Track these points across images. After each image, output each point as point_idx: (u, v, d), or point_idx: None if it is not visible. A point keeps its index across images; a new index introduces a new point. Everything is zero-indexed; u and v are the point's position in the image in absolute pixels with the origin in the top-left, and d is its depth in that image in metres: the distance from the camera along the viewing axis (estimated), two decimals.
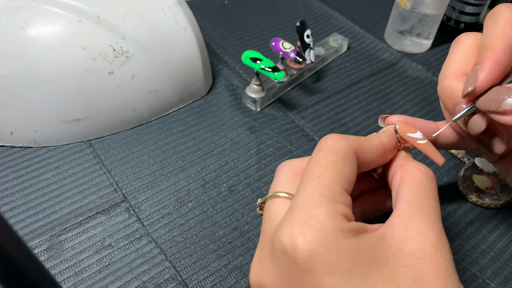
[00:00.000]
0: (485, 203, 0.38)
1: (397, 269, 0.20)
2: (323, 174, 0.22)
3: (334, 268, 0.20)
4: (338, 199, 0.22)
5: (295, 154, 0.42)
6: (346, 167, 0.23)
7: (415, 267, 0.20)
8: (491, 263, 0.34)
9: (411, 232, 0.21)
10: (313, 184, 0.22)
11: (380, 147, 0.25)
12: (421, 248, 0.21)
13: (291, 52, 0.45)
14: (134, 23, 0.39)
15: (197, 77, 0.45)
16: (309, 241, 0.20)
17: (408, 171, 0.24)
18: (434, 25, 0.54)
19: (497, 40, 0.24)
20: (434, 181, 0.24)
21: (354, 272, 0.20)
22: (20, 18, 0.36)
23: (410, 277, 0.20)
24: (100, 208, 0.36)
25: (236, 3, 0.63)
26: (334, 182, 0.22)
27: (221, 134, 0.44)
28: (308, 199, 0.22)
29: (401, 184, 0.24)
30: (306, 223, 0.21)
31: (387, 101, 0.49)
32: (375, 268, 0.20)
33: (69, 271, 0.32)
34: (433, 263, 0.21)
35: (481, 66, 0.24)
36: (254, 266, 0.24)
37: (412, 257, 0.21)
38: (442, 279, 0.20)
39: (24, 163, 0.39)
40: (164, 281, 0.32)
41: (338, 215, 0.21)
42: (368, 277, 0.20)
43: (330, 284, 0.20)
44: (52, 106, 0.38)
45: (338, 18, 0.62)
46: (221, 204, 0.37)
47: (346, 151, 0.23)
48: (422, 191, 0.23)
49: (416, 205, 0.22)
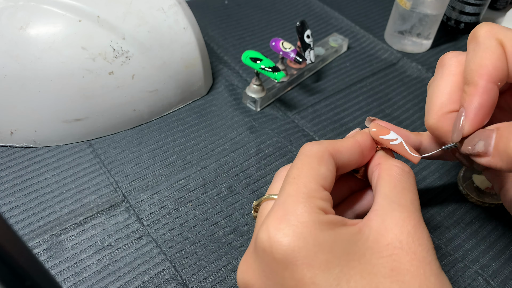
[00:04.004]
0: (485, 203, 0.38)
1: (374, 260, 0.21)
2: (299, 174, 0.23)
3: (312, 261, 0.20)
4: (315, 195, 0.23)
5: (295, 154, 0.42)
6: (321, 167, 0.24)
7: (392, 257, 0.21)
8: (491, 262, 0.35)
9: (388, 224, 0.22)
10: (290, 184, 0.23)
11: (356, 146, 0.26)
12: (398, 238, 0.21)
13: (291, 52, 0.45)
14: (134, 23, 0.39)
15: (197, 77, 0.45)
16: (286, 236, 0.21)
17: (384, 168, 0.25)
18: (434, 25, 0.54)
19: (479, 76, 0.25)
20: (410, 175, 0.25)
21: (332, 264, 0.20)
22: (20, 18, 0.36)
23: (388, 267, 0.21)
24: (100, 208, 0.36)
25: (236, 3, 0.63)
26: (310, 180, 0.23)
27: (221, 134, 0.44)
28: (286, 197, 0.23)
29: (378, 180, 0.25)
30: (283, 219, 0.21)
31: (387, 101, 0.49)
32: (353, 259, 0.21)
33: (69, 271, 0.32)
34: (411, 252, 0.21)
35: (465, 113, 0.25)
36: (240, 266, 0.24)
37: (390, 247, 0.21)
38: (420, 267, 0.21)
39: (24, 163, 0.39)
40: (164, 281, 0.32)
41: (315, 209, 0.22)
42: (346, 268, 0.21)
43: (310, 277, 0.20)
44: (52, 106, 0.38)
45: (338, 18, 0.62)
46: (221, 204, 0.37)
47: (320, 153, 0.24)
48: (398, 185, 0.24)
49: (392, 199, 0.23)
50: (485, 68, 0.25)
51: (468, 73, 0.25)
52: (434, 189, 0.40)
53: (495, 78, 0.25)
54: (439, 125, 0.28)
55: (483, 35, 0.25)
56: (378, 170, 0.25)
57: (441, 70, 0.29)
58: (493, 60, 0.25)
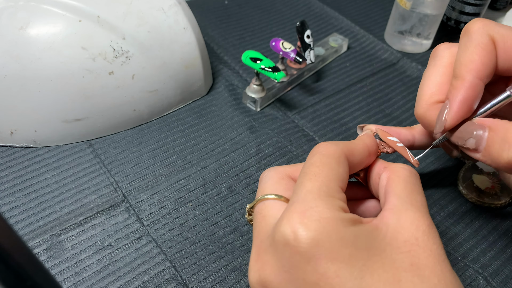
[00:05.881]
0: (485, 203, 0.38)
1: (394, 255, 0.21)
2: (319, 173, 0.24)
3: (336, 255, 0.21)
4: (335, 195, 0.23)
5: (295, 154, 0.42)
6: (340, 168, 0.24)
7: (411, 253, 0.21)
8: (492, 262, 0.35)
9: (404, 222, 0.22)
10: (311, 181, 0.23)
11: (365, 149, 0.27)
12: (414, 236, 0.22)
13: (291, 52, 0.45)
14: (134, 23, 0.39)
15: (197, 77, 0.45)
16: (310, 229, 0.21)
17: (393, 170, 0.26)
18: (434, 25, 0.54)
19: (466, 71, 0.26)
20: (418, 177, 0.26)
21: (356, 258, 0.21)
22: (20, 18, 0.36)
23: (408, 262, 0.21)
24: (100, 208, 0.36)
25: (236, 3, 0.63)
26: (331, 180, 0.23)
27: (221, 134, 0.44)
28: (307, 193, 0.23)
29: (389, 181, 0.25)
30: (306, 214, 0.21)
31: (387, 101, 0.49)
32: (374, 254, 0.21)
33: (69, 271, 0.32)
34: (427, 249, 0.22)
35: (449, 106, 0.26)
36: (253, 265, 0.24)
37: (407, 244, 0.22)
38: (437, 263, 0.21)
39: (24, 163, 0.39)
40: (164, 281, 0.32)
41: (336, 207, 0.22)
42: (368, 263, 0.21)
43: (334, 271, 0.20)
44: (52, 106, 0.38)
45: (338, 18, 0.62)
46: (221, 204, 0.37)
47: (338, 153, 0.25)
48: (408, 187, 0.24)
49: (405, 199, 0.24)
50: (474, 63, 0.25)
51: (457, 66, 0.26)
52: (434, 189, 0.40)
53: (482, 74, 0.26)
54: (427, 114, 0.28)
55: (476, 31, 0.26)
56: (387, 172, 0.26)
57: (433, 61, 0.30)
58: (482, 56, 0.25)
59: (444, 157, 0.43)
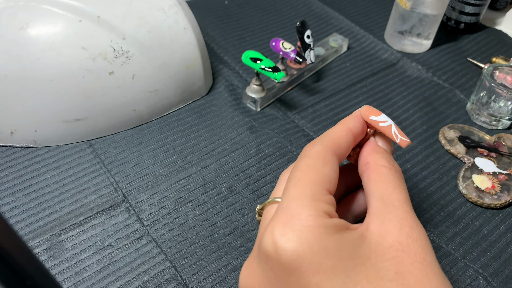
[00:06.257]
0: (485, 203, 0.38)
1: (379, 264, 0.21)
2: (303, 177, 0.23)
3: (318, 267, 0.20)
4: (320, 198, 0.22)
5: (295, 154, 0.42)
6: (326, 168, 0.24)
7: (396, 259, 0.21)
8: (492, 261, 0.34)
9: (387, 226, 0.22)
10: (295, 187, 0.23)
11: (349, 134, 0.26)
12: (398, 240, 0.21)
13: (291, 52, 0.45)
14: (134, 23, 0.39)
15: (197, 77, 0.45)
16: (291, 241, 0.20)
17: (373, 169, 0.25)
18: (434, 25, 0.54)
19: None
20: (399, 173, 0.25)
21: (338, 269, 0.20)
22: (20, 18, 0.36)
23: (393, 270, 0.21)
24: (100, 208, 0.36)
25: (236, 3, 0.63)
26: (315, 183, 0.23)
27: (221, 134, 0.44)
28: (290, 200, 0.22)
29: (369, 182, 0.25)
30: (288, 223, 0.21)
31: (387, 101, 0.49)
32: (358, 264, 0.21)
33: (69, 271, 0.32)
34: (411, 254, 0.21)
35: None
36: (243, 271, 0.24)
37: (392, 250, 0.21)
38: (422, 269, 0.21)
39: (24, 163, 0.39)
40: (165, 281, 0.32)
41: (320, 212, 0.22)
42: (352, 273, 0.20)
43: (316, 283, 0.20)
44: (52, 106, 0.38)
45: (338, 18, 0.62)
46: (221, 204, 0.37)
47: (323, 153, 0.24)
48: (390, 186, 0.24)
49: (386, 200, 0.23)
50: None
51: None
52: (434, 189, 0.40)
53: None
54: None
55: None
56: (367, 171, 0.25)
57: None
58: None
59: (444, 157, 0.43)
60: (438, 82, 0.52)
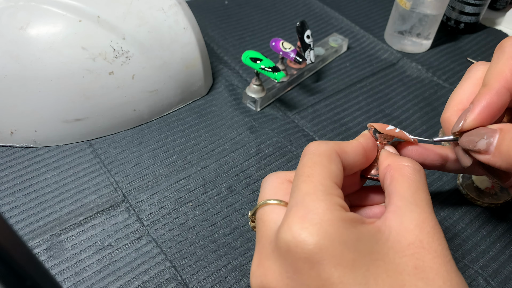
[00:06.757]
0: (485, 203, 0.38)
1: (398, 259, 0.21)
2: (312, 173, 0.23)
3: (340, 260, 0.20)
4: (333, 192, 0.23)
5: (295, 154, 0.42)
6: (332, 165, 0.24)
7: (415, 255, 0.21)
8: (491, 262, 0.35)
9: (408, 225, 0.22)
10: (306, 183, 0.23)
11: (360, 147, 0.27)
12: (419, 238, 0.22)
13: (291, 52, 0.45)
14: (134, 23, 0.39)
15: (197, 77, 0.45)
16: (312, 234, 0.21)
17: (396, 169, 0.25)
18: (434, 25, 0.54)
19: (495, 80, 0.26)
20: (422, 173, 0.25)
21: (359, 262, 0.21)
22: (20, 18, 0.36)
23: (411, 265, 0.21)
24: (100, 208, 0.36)
25: (236, 3, 0.63)
26: (325, 177, 0.23)
27: (221, 134, 0.44)
28: (304, 196, 0.22)
29: (392, 181, 0.25)
30: (306, 217, 0.21)
31: (387, 101, 0.49)
32: (377, 258, 0.21)
33: (69, 271, 0.32)
34: (432, 250, 0.21)
35: (472, 108, 0.26)
36: (255, 271, 0.24)
37: (412, 247, 0.21)
38: (442, 264, 0.21)
39: (24, 163, 0.39)
40: (164, 281, 0.32)
41: (336, 206, 0.22)
42: (372, 267, 0.21)
43: (338, 276, 0.20)
44: (52, 106, 0.38)
45: (338, 18, 0.62)
46: (221, 204, 0.37)
47: (328, 151, 0.25)
48: (412, 185, 0.24)
49: (409, 199, 0.23)
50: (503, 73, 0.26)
51: (487, 76, 0.27)
52: (434, 189, 0.40)
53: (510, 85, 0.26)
54: (451, 118, 0.29)
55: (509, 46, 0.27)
56: (390, 171, 0.26)
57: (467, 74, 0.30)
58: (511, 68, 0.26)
59: None
60: (438, 82, 0.52)
